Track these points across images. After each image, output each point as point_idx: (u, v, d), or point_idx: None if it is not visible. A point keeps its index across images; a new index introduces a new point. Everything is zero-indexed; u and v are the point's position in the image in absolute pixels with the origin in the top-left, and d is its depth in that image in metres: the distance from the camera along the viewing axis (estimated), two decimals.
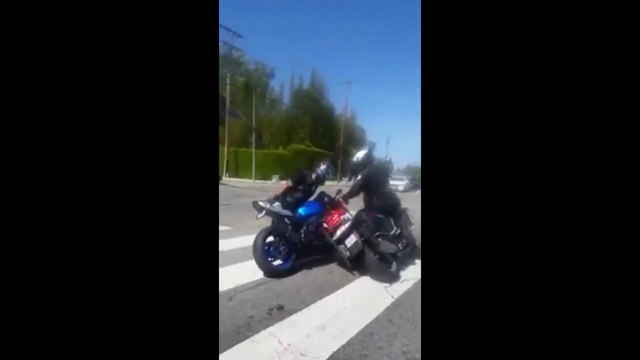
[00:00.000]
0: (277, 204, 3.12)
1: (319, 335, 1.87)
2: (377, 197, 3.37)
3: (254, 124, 21.19)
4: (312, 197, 3.48)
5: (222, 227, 4.76)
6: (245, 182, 17.63)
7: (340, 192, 3.57)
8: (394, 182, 14.26)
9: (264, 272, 2.79)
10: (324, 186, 3.69)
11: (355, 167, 3.67)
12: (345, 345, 1.78)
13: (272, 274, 2.80)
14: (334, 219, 3.18)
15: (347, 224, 3.06)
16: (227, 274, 2.73)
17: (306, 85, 29.18)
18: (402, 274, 3.10)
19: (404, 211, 3.70)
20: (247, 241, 3.29)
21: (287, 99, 29.00)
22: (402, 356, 1.71)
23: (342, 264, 3.12)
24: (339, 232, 3.02)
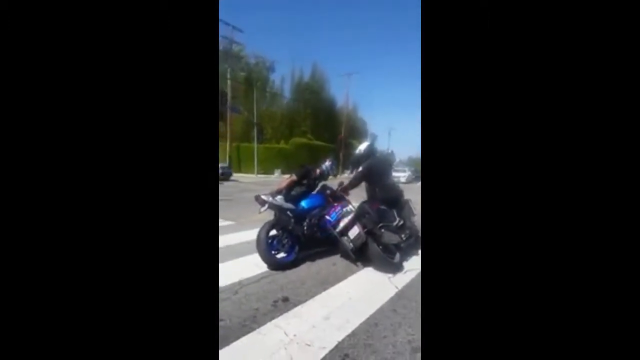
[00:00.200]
0: (279, 197, 3.13)
1: (324, 325, 1.90)
2: (380, 188, 3.37)
3: (255, 119, 21.13)
4: (314, 191, 3.49)
5: (226, 222, 4.79)
6: (248, 177, 17.67)
7: (342, 184, 3.58)
8: (396, 173, 14.22)
9: (268, 265, 2.82)
10: (327, 180, 3.69)
11: (357, 160, 3.67)
12: (350, 335, 1.80)
13: (276, 266, 2.82)
14: (336, 212, 3.19)
15: (350, 216, 3.07)
16: (232, 268, 2.76)
17: (307, 78, 28.98)
18: (406, 264, 3.11)
19: (407, 202, 3.70)
20: (251, 235, 3.31)
21: (287, 93, 28.86)
22: (407, 345, 1.73)
23: (345, 255, 3.14)
24: (342, 224, 3.04)
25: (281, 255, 2.95)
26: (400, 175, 17.52)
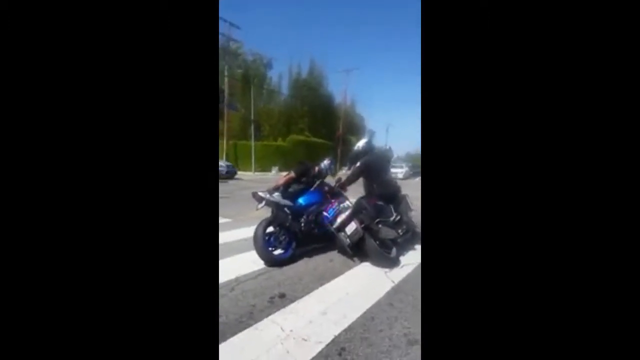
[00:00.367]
0: (276, 194, 3.12)
1: (321, 320, 1.90)
2: (379, 184, 3.37)
3: (252, 116, 21.06)
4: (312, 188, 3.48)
5: (223, 220, 4.79)
6: (245, 175, 17.63)
7: (340, 180, 3.58)
8: (394, 169, 14.30)
9: (265, 262, 2.82)
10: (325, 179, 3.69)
11: (355, 157, 3.66)
12: (346, 329, 1.81)
13: (273, 263, 2.82)
14: (334, 208, 3.19)
15: (347, 212, 3.08)
16: (229, 265, 2.76)
17: (304, 74, 28.83)
18: (402, 259, 3.12)
19: (404, 198, 3.71)
20: (248, 232, 3.31)
21: (285, 90, 28.73)
22: (403, 338, 1.74)
23: (342, 251, 3.15)
24: (339, 220, 3.04)
25: (278, 251, 2.95)
26: (397, 171, 17.65)
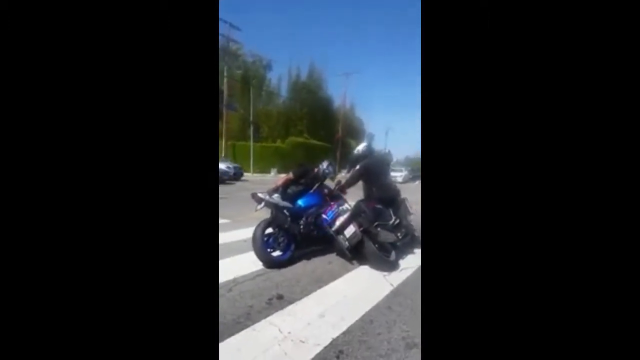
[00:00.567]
0: (276, 195, 3.12)
1: (319, 323, 1.89)
2: (378, 188, 3.37)
3: (251, 117, 21.04)
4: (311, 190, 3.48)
5: (222, 221, 4.77)
6: (244, 176, 17.58)
7: (339, 182, 3.58)
8: (393, 173, 14.30)
9: (264, 263, 2.81)
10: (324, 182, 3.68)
11: (355, 160, 3.66)
12: (345, 332, 1.80)
13: (271, 264, 2.81)
14: (333, 210, 3.19)
15: (346, 215, 3.07)
16: (227, 266, 2.74)
17: (304, 77, 28.87)
18: (401, 262, 3.12)
19: (403, 201, 3.71)
20: (247, 233, 3.30)
21: (284, 92, 28.73)
22: (401, 341, 1.73)
23: (341, 254, 3.14)
24: (338, 223, 3.04)
25: (277, 253, 2.94)
26: (397, 174, 17.67)
